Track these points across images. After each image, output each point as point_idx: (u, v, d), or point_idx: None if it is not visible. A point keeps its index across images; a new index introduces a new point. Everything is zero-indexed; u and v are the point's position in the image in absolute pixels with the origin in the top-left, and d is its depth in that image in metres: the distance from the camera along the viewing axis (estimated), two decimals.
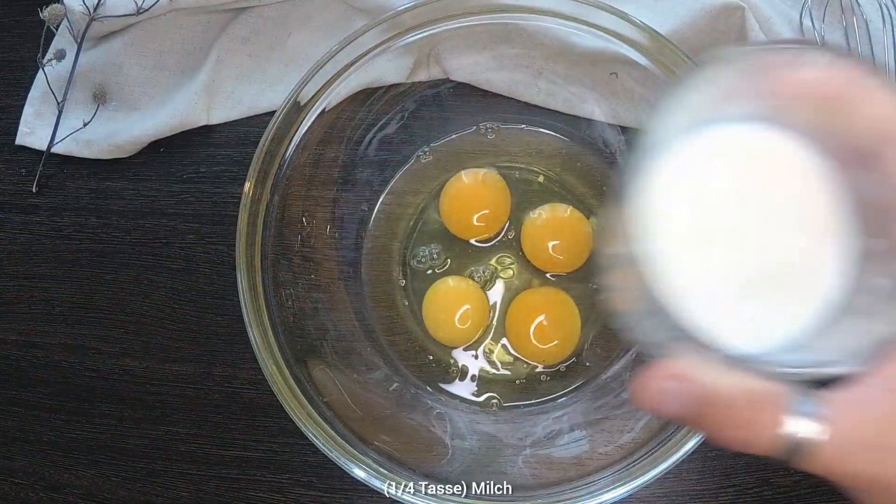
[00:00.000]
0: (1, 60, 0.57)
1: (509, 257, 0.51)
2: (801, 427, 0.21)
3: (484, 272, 0.50)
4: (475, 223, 0.50)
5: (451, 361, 0.49)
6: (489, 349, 0.49)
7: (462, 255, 0.51)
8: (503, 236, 0.51)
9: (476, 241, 0.51)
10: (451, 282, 0.50)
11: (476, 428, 0.48)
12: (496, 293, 0.50)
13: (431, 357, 0.50)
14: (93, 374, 0.51)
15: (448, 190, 0.51)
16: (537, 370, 0.49)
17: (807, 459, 0.22)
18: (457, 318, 0.48)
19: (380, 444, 0.43)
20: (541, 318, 0.48)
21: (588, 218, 0.49)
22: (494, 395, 0.49)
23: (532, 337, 0.48)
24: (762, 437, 0.22)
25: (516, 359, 0.49)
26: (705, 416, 0.22)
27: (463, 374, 0.49)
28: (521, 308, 0.49)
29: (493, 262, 0.51)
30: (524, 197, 0.51)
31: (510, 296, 0.50)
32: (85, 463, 0.50)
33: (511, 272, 0.50)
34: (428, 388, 0.49)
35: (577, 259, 0.49)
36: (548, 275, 0.50)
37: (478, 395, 0.49)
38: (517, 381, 0.49)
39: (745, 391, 0.22)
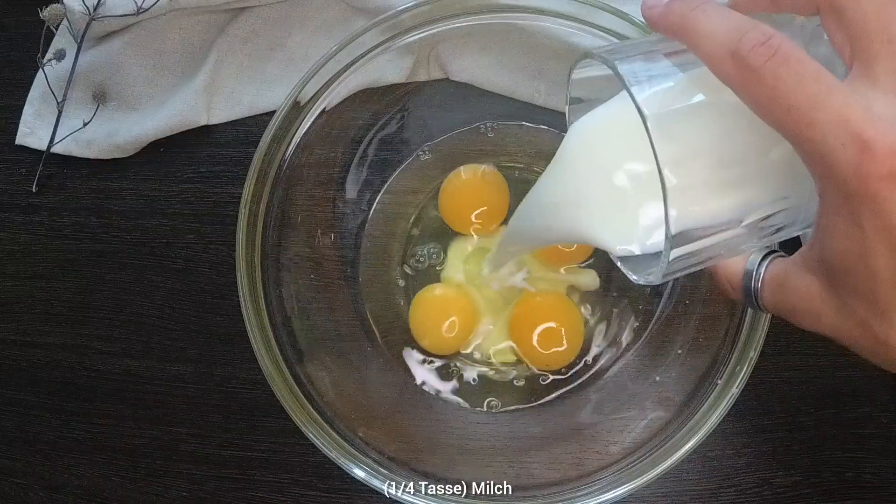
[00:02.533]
0: (1, 60, 0.57)
1: None
2: (749, 278, 0.29)
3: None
4: (473, 220, 0.50)
5: (451, 362, 0.49)
6: (489, 352, 0.49)
7: (462, 254, 0.51)
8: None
9: (475, 234, 0.51)
10: (436, 291, 0.50)
11: (476, 428, 0.48)
12: (496, 295, 0.50)
13: (431, 358, 0.50)
14: (93, 374, 0.51)
15: (447, 186, 0.51)
16: (537, 372, 0.49)
17: (758, 304, 0.29)
18: (443, 329, 0.48)
19: (379, 445, 0.43)
20: (548, 324, 0.48)
21: None
22: (493, 396, 0.49)
23: (540, 345, 0.48)
24: (734, 285, 0.30)
25: (517, 361, 0.49)
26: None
27: (462, 375, 0.49)
28: (527, 314, 0.49)
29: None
30: (524, 196, 0.51)
31: (510, 295, 0.50)
32: (85, 463, 0.50)
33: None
34: (427, 389, 0.49)
35: (580, 254, 0.50)
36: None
37: (478, 397, 0.49)
38: (516, 383, 0.49)
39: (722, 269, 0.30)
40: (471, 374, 0.49)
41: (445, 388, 0.49)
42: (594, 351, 0.49)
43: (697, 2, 0.25)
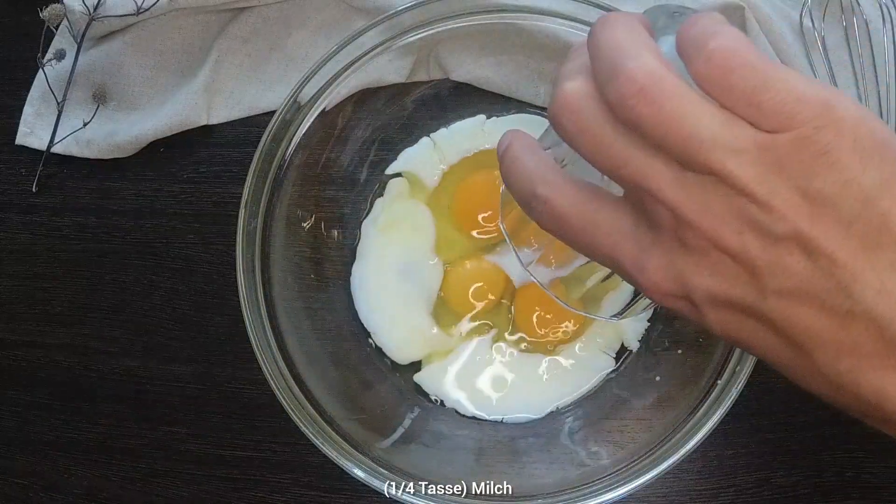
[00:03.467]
0: (1, 60, 0.57)
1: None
2: None
3: None
4: (480, 222, 0.50)
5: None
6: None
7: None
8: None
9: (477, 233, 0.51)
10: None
11: (475, 428, 0.48)
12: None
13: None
14: (93, 374, 0.51)
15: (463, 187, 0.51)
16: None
17: None
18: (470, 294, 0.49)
19: (379, 444, 0.43)
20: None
21: None
22: None
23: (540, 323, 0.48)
24: None
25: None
26: None
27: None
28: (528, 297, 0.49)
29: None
30: None
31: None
32: (85, 463, 0.50)
33: None
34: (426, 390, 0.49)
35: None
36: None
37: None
38: None
39: None
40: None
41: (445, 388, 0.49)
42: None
43: (510, 151, 0.28)
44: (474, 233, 0.50)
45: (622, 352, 0.48)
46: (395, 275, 0.50)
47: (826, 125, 0.21)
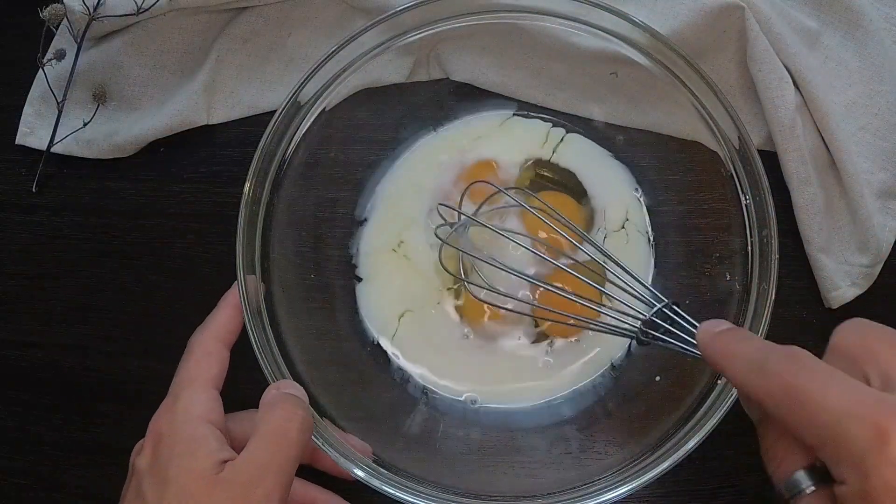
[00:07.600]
0: (1, 60, 0.57)
1: None
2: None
3: None
4: None
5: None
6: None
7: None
8: None
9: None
10: None
11: (476, 429, 0.48)
12: None
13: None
14: (93, 374, 0.51)
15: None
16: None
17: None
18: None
19: (380, 445, 0.43)
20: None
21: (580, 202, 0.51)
22: None
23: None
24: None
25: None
26: None
27: None
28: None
29: None
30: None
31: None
32: (85, 463, 0.50)
33: None
34: (427, 389, 0.49)
35: None
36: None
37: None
38: None
39: None
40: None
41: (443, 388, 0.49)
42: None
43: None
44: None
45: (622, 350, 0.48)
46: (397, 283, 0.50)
47: None
